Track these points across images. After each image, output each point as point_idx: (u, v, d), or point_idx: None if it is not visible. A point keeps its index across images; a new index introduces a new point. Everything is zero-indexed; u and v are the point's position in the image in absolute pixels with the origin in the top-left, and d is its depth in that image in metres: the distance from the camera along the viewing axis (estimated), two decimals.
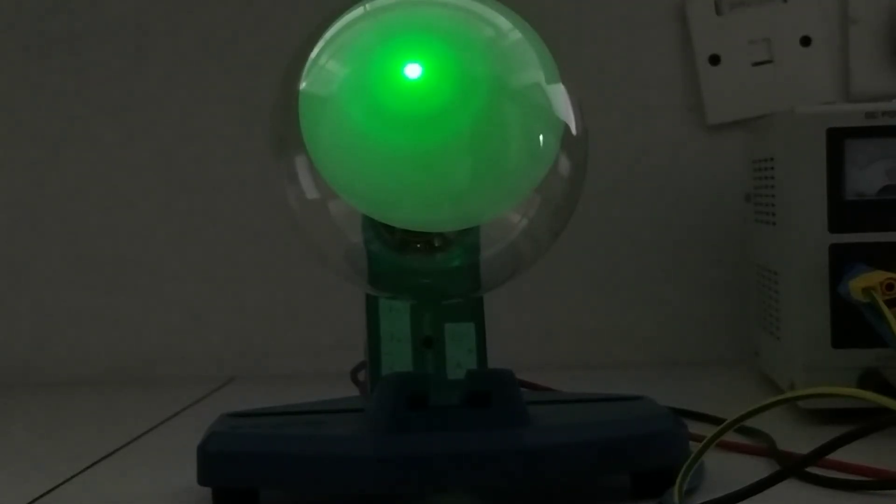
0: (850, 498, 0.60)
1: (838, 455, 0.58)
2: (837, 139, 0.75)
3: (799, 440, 0.68)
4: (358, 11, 0.58)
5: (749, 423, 0.57)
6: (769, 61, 1.05)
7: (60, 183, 1.09)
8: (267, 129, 0.60)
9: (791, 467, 0.57)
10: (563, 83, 0.58)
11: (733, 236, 1.04)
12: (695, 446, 0.58)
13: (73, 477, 0.71)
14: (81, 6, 1.08)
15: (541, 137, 0.57)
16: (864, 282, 0.71)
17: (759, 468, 0.65)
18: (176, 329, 1.09)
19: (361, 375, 0.87)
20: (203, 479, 0.61)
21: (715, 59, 1.05)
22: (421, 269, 0.61)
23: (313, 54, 0.57)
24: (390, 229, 0.59)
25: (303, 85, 0.57)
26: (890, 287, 0.70)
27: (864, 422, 0.56)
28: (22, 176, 1.09)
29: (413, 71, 0.56)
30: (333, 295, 1.01)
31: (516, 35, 0.58)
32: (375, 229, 0.60)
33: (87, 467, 0.73)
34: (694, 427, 0.65)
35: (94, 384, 1.06)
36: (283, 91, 0.58)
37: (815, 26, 1.05)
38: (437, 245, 0.61)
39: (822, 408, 0.76)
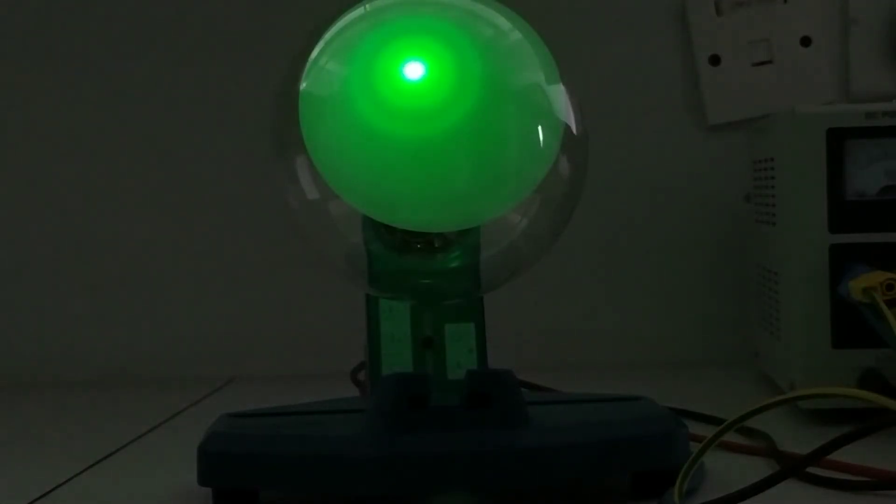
0: (850, 498, 0.60)
1: (838, 455, 0.58)
2: (837, 139, 0.75)
3: (799, 440, 0.68)
4: (358, 12, 0.58)
5: (749, 423, 0.57)
6: (769, 61, 1.05)
7: (60, 183, 1.09)
8: (267, 129, 0.60)
9: (791, 467, 0.57)
10: (563, 83, 0.58)
11: (733, 236, 1.04)
12: (695, 446, 0.57)
13: (73, 477, 0.71)
14: (82, 5, 1.08)
15: (541, 138, 0.57)
16: (864, 282, 0.71)
17: (759, 468, 0.65)
18: (176, 329, 1.09)
19: (361, 375, 0.87)
20: (203, 479, 0.61)
21: (715, 59, 1.05)
22: (421, 270, 0.61)
23: (313, 55, 0.57)
24: (390, 229, 0.59)
25: (303, 85, 0.57)
26: (890, 287, 0.70)
27: (864, 422, 0.56)
28: (22, 176, 1.09)
29: (413, 71, 0.56)
30: (333, 295, 1.01)
31: (516, 35, 0.58)
32: (375, 229, 0.60)
33: (88, 467, 0.73)
34: (694, 427, 0.65)
35: (93, 384, 1.06)
36: (283, 91, 0.58)
37: (815, 26, 1.05)
38: (437, 245, 0.61)
39: (822, 408, 0.76)
